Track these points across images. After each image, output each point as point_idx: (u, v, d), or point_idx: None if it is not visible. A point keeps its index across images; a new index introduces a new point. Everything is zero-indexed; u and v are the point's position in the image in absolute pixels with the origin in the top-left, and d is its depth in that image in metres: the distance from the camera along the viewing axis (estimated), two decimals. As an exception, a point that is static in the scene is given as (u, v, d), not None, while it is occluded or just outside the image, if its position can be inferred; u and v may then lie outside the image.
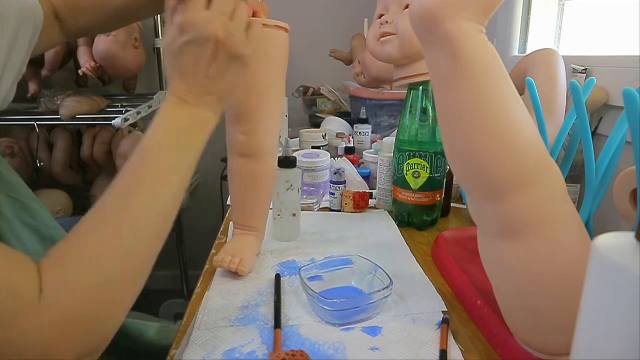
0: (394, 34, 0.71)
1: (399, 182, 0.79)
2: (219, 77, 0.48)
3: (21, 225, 0.66)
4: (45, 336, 0.34)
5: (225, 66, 0.47)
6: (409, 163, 0.76)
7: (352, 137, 1.17)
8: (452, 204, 0.90)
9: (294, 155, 0.73)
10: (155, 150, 0.44)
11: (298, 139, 1.23)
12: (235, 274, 0.63)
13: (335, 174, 0.87)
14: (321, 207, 0.90)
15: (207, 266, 0.67)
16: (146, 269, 0.42)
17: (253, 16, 0.56)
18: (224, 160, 1.42)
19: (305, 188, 0.91)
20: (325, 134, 1.20)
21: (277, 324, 0.51)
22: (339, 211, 0.88)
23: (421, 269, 0.66)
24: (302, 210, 0.77)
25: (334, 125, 1.34)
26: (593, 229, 0.51)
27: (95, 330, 0.38)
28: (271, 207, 0.74)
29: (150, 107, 1.42)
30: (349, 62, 1.50)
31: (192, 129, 0.47)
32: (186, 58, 0.46)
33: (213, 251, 0.72)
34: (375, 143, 1.09)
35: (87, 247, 0.38)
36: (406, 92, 0.77)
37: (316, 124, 1.46)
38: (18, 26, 0.56)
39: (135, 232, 0.40)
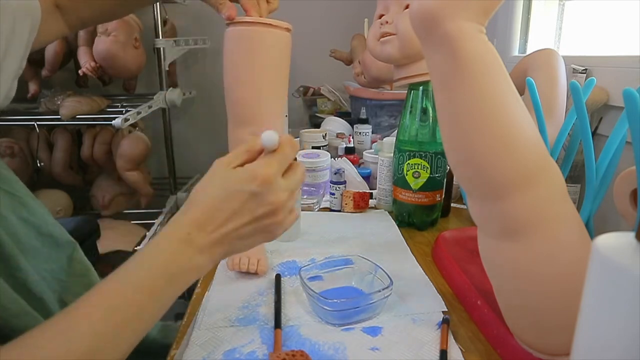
0: (394, 34, 0.71)
1: (399, 182, 0.79)
2: (245, 238, 0.44)
3: (18, 221, 0.65)
4: None
5: (259, 233, 0.45)
6: (409, 163, 0.76)
7: (352, 137, 1.17)
8: (452, 204, 0.90)
9: (294, 155, 0.73)
10: (135, 291, 0.40)
11: (298, 139, 1.23)
12: (235, 275, 0.63)
13: (335, 174, 0.87)
14: (321, 207, 0.90)
15: (207, 266, 0.67)
16: None
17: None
18: (224, 160, 1.42)
19: (305, 188, 0.91)
20: (325, 134, 1.20)
21: (277, 324, 0.51)
22: (339, 211, 0.88)
23: (421, 269, 0.66)
24: (302, 210, 0.77)
25: (334, 125, 1.34)
26: (593, 229, 0.51)
27: None
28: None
29: (150, 107, 1.42)
30: (349, 62, 1.50)
31: (182, 275, 0.42)
32: (235, 203, 0.42)
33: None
34: (375, 143, 1.09)
35: None
36: (406, 92, 0.77)
37: (316, 124, 1.46)
38: (14, 22, 0.56)
39: None
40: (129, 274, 0.41)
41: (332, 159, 1.00)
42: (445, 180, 0.79)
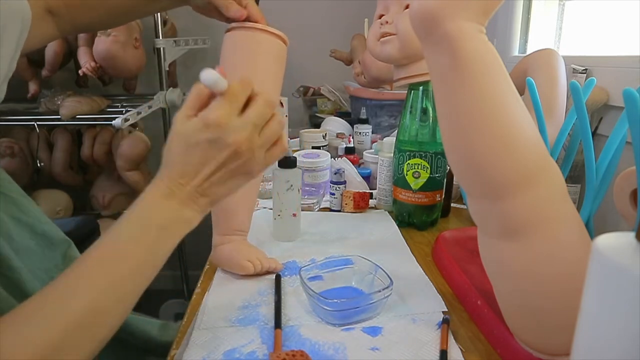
0: (394, 34, 0.71)
1: (399, 182, 0.79)
2: (221, 183, 0.45)
3: (11, 220, 0.65)
4: None
5: (232, 176, 0.45)
6: (409, 163, 0.76)
7: (352, 137, 1.17)
8: (452, 204, 0.90)
9: (294, 155, 0.73)
10: (129, 244, 0.42)
11: (298, 139, 1.23)
12: (234, 275, 0.63)
13: (335, 174, 0.87)
14: (321, 207, 0.90)
15: (207, 266, 0.67)
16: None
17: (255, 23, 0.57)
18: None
19: (305, 188, 0.91)
20: (325, 134, 1.20)
21: (277, 324, 0.51)
22: (339, 211, 0.88)
23: (421, 269, 0.66)
24: (302, 210, 0.77)
25: (334, 125, 1.34)
26: (593, 229, 0.51)
27: None
28: (271, 207, 0.74)
29: (150, 107, 1.42)
30: (349, 62, 1.50)
31: (171, 227, 0.43)
32: (197, 154, 0.43)
33: (213, 251, 0.72)
34: (375, 143, 1.09)
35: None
36: (406, 92, 0.77)
37: (316, 124, 1.46)
38: (4, 25, 0.55)
39: (85, 326, 0.38)
40: (121, 231, 0.42)
41: (332, 159, 1.00)
42: (445, 180, 0.79)
